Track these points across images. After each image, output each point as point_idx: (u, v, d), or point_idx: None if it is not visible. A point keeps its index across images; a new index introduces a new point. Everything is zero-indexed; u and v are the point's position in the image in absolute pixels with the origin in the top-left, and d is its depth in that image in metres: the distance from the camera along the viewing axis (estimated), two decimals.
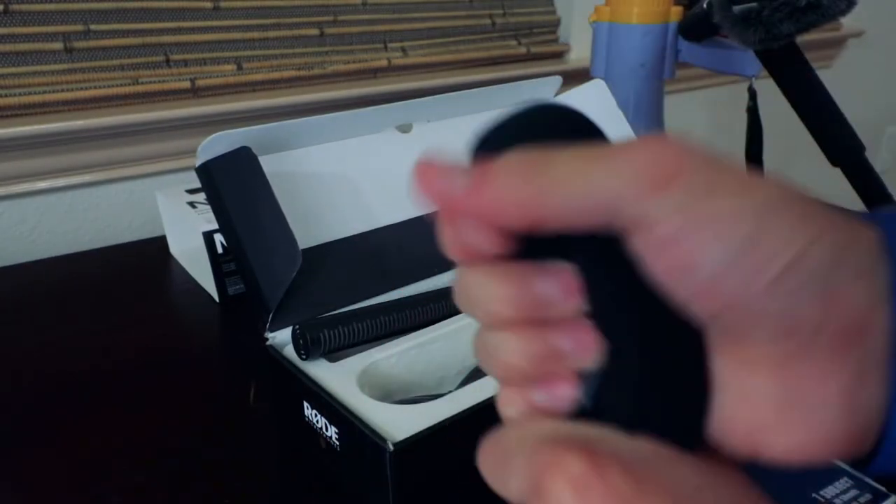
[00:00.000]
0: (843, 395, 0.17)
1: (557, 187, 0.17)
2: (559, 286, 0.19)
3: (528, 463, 0.17)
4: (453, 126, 0.55)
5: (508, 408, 0.20)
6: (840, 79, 1.12)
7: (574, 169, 0.17)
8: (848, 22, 1.45)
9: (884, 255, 0.18)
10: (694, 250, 0.17)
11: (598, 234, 0.18)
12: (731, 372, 0.18)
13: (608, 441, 0.17)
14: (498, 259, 0.19)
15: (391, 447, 0.34)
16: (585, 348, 0.19)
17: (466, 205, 0.18)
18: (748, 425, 0.18)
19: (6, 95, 0.70)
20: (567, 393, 0.19)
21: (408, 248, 0.49)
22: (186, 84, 0.78)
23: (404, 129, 0.53)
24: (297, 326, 0.41)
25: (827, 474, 0.39)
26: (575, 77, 0.86)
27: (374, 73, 0.92)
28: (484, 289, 0.20)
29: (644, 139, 0.18)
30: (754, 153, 0.87)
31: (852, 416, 0.18)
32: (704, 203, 0.17)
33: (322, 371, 0.40)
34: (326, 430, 0.39)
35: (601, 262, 0.18)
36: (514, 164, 0.18)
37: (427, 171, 0.19)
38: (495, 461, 0.19)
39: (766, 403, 0.18)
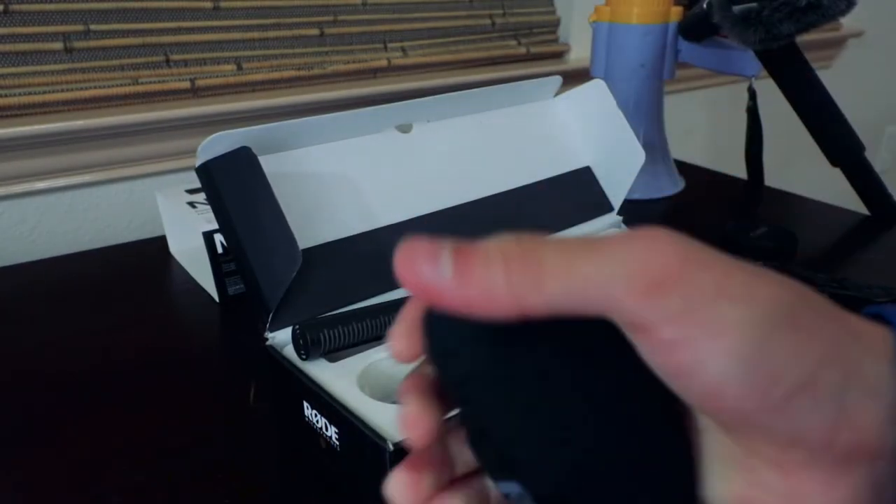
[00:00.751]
0: (849, 494, 0.17)
1: (546, 281, 0.17)
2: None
3: None
4: (453, 126, 0.55)
5: None
6: (840, 79, 1.12)
7: (563, 262, 0.17)
8: (848, 22, 1.45)
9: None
10: (696, 358, 0.16)
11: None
12: (741, 458, 0.18)
13: None
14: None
15: (391, 447, 0.34)
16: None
17: (452, 296, 0.17)
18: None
19: (6, 95, 0.70)
20: None
21: None
22: (186, 84, 0.78)
23: (404, 129, 0.53)
24: (297, 326, 0.41)
25: None
26: (575, 77, 0.86)
27: (374, 73, 0.92)
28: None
29: (639, 234, 0.17)
30: (754, 153, 0.87)
31: None
32: (705, 311, 0.16)
33: (322, 371, 0.40)
34: (326, 430, 0.39)
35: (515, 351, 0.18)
36: (500, 253, 0.17)
37: (410, 257, 0.17)
38: None
39: (773, 493, 0.18)
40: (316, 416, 0.39)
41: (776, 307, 0.16)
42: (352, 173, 0.49)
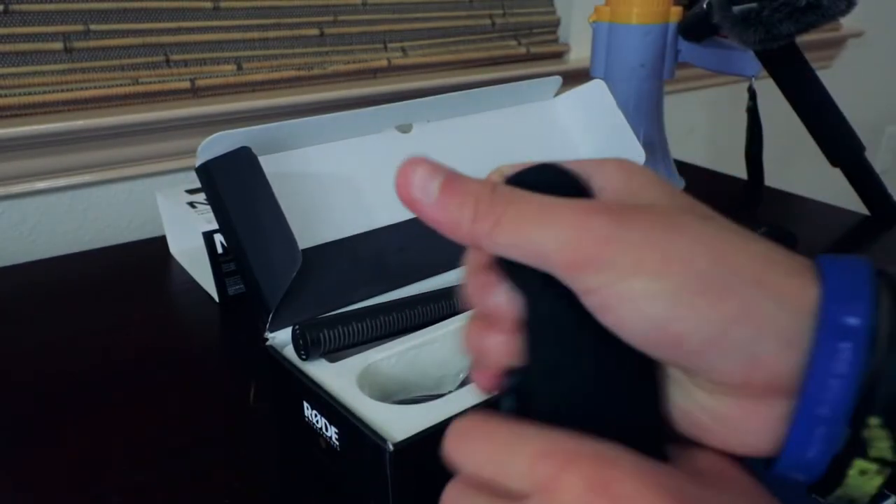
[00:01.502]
0: (766, 429, 0.20)
1: (498, 231, 0.20)
2: (503, 303, 0.23)
3: (535, 460, 0.19)
4: (453, 126, 0.55)
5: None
6: (840, 79, 1.12)
7: (516, 222, 0.20)
8: (848, 22, 1.45)
9: (821, 316, 0.19)
10: (618, 320, 0.20)
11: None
12: (685, 380, 0.21)
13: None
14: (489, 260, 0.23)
15: (391, 447, 0.34)
16: (503, 352, 0.23)
17: (428, 214, 0.21)
18: (693, 424, 0.21)
19: (6, 95, 0.70)
20: (485, 383, 0.24)
21: (407, 248, 0.49)
22: (186, 84, 0.78)
23: (404, 129, 0.53)
24: (297, 326, 0.41)
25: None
26: (575, 77, 0.86)
27: (374, 73, 0.92)
28: (466, 287, 0.24)
29: (579, 206, 0.20)
30: (754, 153, 0.87)
31: (769, 443, 0.20)
32: (620, 286, 0.19)
33: (322, 371, 0.40)
34: (326, 430, 0.39)
35: (543, 294, 0.21)
36: (473, 197, 0.21)
37: (411, 170, 0.22)
38: (495, 450, 0.20)
39: (705, 412, 0.21)
40: (316, 416, 0.39)
41: (686, 277, 0.19)
42: (352, 173, 0.49)
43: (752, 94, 0.84)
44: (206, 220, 0.60)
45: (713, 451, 0.21)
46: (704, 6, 0.73)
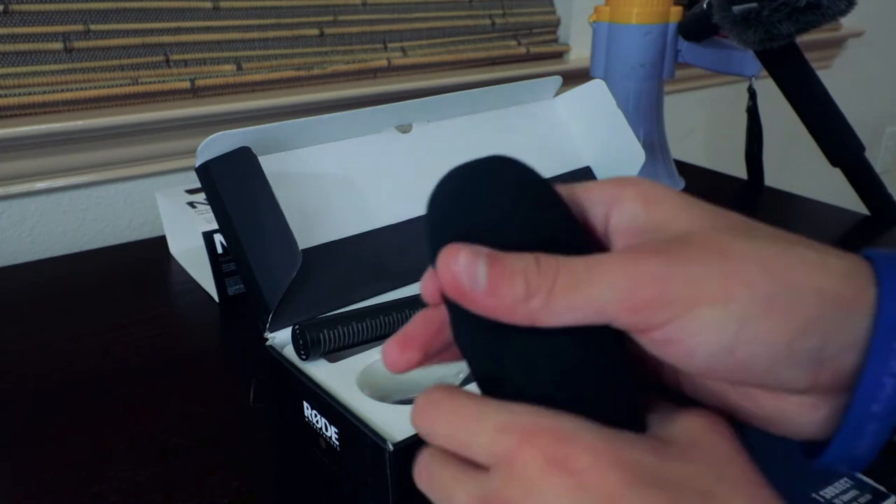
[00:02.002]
0: (822, 420, 0.21)
1: (554, 300, 0.20)
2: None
3: (497, 436, 0.20)
4: (453, 126, 0.55)
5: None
6: (840, 79, 1.12)
7: (569, 286, 0.20)
8: (848, 22, 1.45)
9: (877, 316, 0.20)
10: (685, 352, 0.20)
11: None
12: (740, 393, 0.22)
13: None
14: None
15: (391, 447, 0.34)
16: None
17: (481, 303, 0.20)
18: (739, 412, 0.22)
19: (6, 95, 0.70)
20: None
21: (407, 248, 0.49)
22: (186, 84, 0.78)
23: (404, 129, 0.53)
24: (297, 326, 0.41)
25: (827, 475, 0.39)
26: (575, 77, 0.86)
27: (374, 73, 0.92)
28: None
29: (627, 256, 0.20)
30: (754, 153, 0.87)
31: (820, 431, 0.21)
32: (686, 318, 0.19)
33: (322, 371, 0.40)
34: (326, 430, 0.39)
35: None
36: (523, 274, 0.20)
37: (451, 263, 0.21)
38: (456, 427, 0.21)
39: (762, 409, 0.22)
40: (316, 416, 0.39)
41: (750, 301, 0.19)
42: (352, 173, 0.49)
43: (752, 94, 0.84)
44: (206, 220, 0.60)
45: (698, 417, 0.21)
46: (704, 6, 0.73)
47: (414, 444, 0.34)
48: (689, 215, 0.22)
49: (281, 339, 0.43)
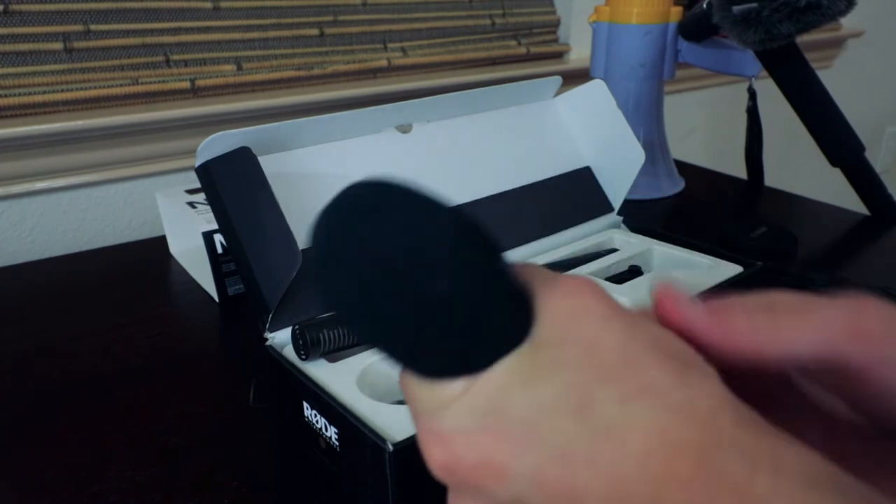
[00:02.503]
0: None
1: (780, 336, 0.21)
2: None
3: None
4: (453, 126, 0.55)
5: None
6: (840, 79, 1.12)
7: (794, 321, 0.21)
8: (848, 22, 1.45)
9: None
10: (884, 394, 0.20)
11: None
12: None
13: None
14: None
15: (391, 447, 0.34)
16: None
17: (706, 336, 0.21)
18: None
19: (6, 95, 0.70)
20: None
21: None
22: (186, 84, 0.78)
23: (404, 129, 0.53)
24: (297, 326, 0.41)
25: None
26: (575, 77, 0.86)
27: (374, 73, 0.92)
28: None
29: (847, 301, 0.21)
30: (754, 153, 0.87)
31: None
32: None
33: (322, 371, 0.40)
34: (326, 430, 0.39)
35: None
36: (746, 311, 0.21)
37: (667, 299, 0.22)
38: None
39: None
40: (316, 416, 0.39)
41: None
42: (352, 173, 0.49)
43: (752, 94, 0.84)
44: (206, 220, 0.60)
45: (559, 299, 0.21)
46: (704, 6, 0.73)
47: (413, 445, 0.34)
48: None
49: (281, 339, 0.43)
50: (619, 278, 0.53)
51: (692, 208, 0.81)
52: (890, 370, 0.20)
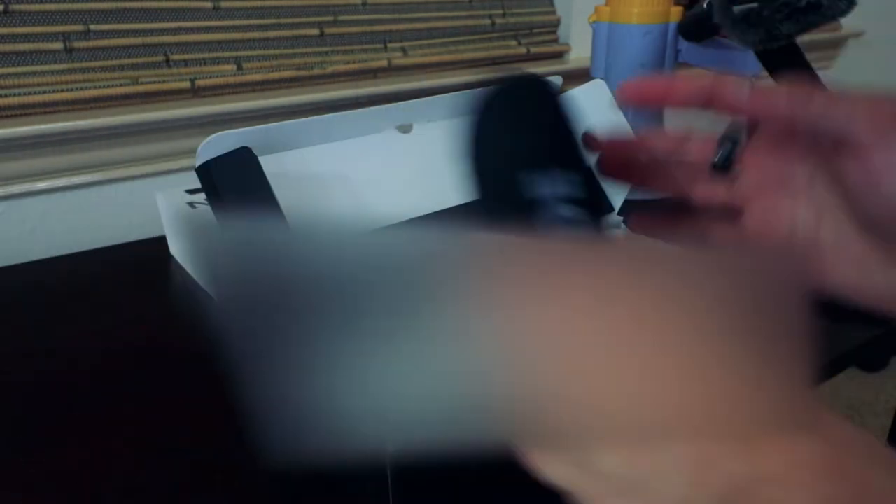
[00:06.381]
0: None
1: (812, 106, 0.28)
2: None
3: None
4: (453, 126, 0.55)
5: None
6: (840, 79, 1.12)
7: (826, 98, 0.27)
8: (848, 22, 1.45)
9: None
10: (886, 177, 0.26)
11: None
12: (870, 257, 0.28)
13: None
14: None
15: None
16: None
17: (751, 106, 0.30)
18: (870, 289, 0.28)
19: (6, 95, 0.70)
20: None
21: None
22: (186, 84, 0.78)
23: (404, 129, 0.53)
24: None
25: None
26: (575, 77, 0.86)
27: (374, 74, 0.92)
28: None
29: (871, 96, 0.27)
30: None
31: None
32: None
33: None
34: None
35: None
36: (786, 87, 0.29)
37: (720, 86, 0.31)
38: None
39: (890, 283, 0.28)
40: None
41: None
42: (352, 173, 0.49)
43: None
44: None
45: None
46: (705, 6, 0.73)
47: None
48: None
49: None
50: None
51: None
52: (889, 152, 0.25)
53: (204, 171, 0.44)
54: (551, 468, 0.21)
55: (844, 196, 0.28)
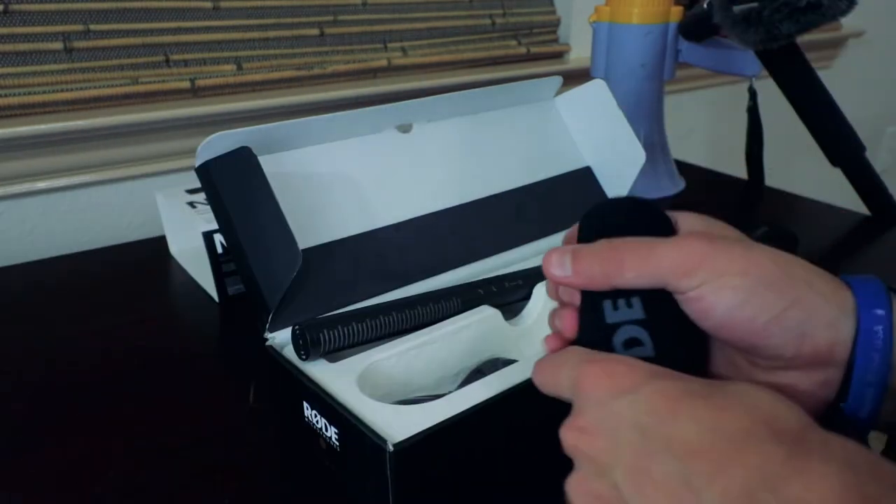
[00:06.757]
0: (812, 387, 0.28)
1: (625, 272, 0.29)
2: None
3: (573, 368, 0.28)
4: (453, 126, 0.55)
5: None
6: (840, 79, 1.12)
7: (636, 260, 0.29)
8: (848, 22, 1.45)
9: (852, 313, 0.27)
10: (710, 305, 0.28)
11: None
12: (745, 370, 0.30)
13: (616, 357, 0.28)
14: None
15: (391, 447, 0.34)
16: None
17: (571, 282, 0.31)
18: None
19: (6, 95, 0.70)
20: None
21: (408, 248, 0.49)
22: (186, 84, 0.78)
23: (404, 129, 0.53)
24: (297, 326, 0.41)
25: None
26: (575, 77, 0.86)
27: (374, 73, 0.92)
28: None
29: (679, 240, 0.29)
30: (754, 153, 0.87)
31: (812, 405, 0.28)
32: (717, 282, 0.28)
33: (322, 371, 0.40)
34: (326, 430, 0.39)
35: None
36: (597, 255, 0.30)
37: (548, 262, 0.32)
38: (553, 369, 0.30)
39: (766, 381, 0.29)
40: (316, 416, 0.39)
41: (761, 277, 0.27)
42: (352, 173, 0.49)
43: (753, 94, 0.84)
44: (206, 220, 0.60)
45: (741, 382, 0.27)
46: (705, 6, 0.73)
47: (414, 445, 0.34)
48: (732, 230, 0.32)
49: (281, 339, 0.43)
50: None
51: (692, 208, 0.80)
52: (714, 294, 0.28)
53: (204, 171, 0.44)
54: None
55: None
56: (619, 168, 0.60)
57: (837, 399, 0.28)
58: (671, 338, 0.30)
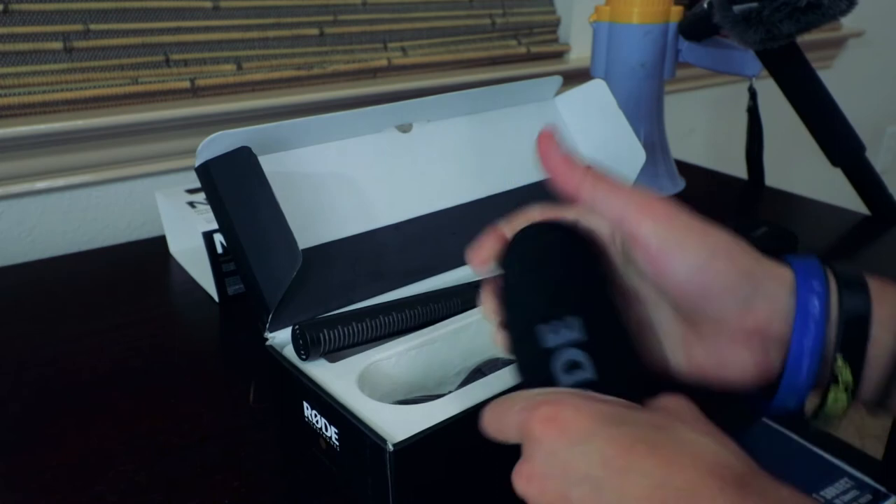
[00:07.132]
0: (752, 360, 0.30)
1: (598, 192, 0.33)
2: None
3: (519, 413, 0.28)
4: (453, 126, 0.55)
5: None
6: (840, 79, 1.12)
7: (611, 184, 0.33)
8: (848, 22, 1.45)
9: (792, 288, 0.30)
10: (670, 266, 0.30)
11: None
12: (686, 339, 0.32)
13: (568, 396, 0.28)
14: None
15: (391, 447, 0.34)
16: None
17: (562, 181, 0.34)
18: (697, 368, 0.32)
19: (6, 95, 0.70)
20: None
21: (407, 248, 0.49)
22: (186, 84, 0.78)
23: (404, 129, 0.53)
24: (297, 326, 0.41)
25: (827, 475, 0.39)
26: (575, 77, 0.86)
27: (374, 73, 0.92)
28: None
29: (646, 195, 0.32)
30: (754, 153, 0.87)
31: (754, 376, 0.30)
32: (677, 243, 0.30)
33: (322, 371, 0.40)
34: (326, 430, 0.39)
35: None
36: (588, 170, 0.34)
37: (548, 142, 0.35)
38: (499, 415, 0.29)
39: (707, 359, 0.31)
40: (316, 416, 0.39)
41: (717, 246, 0.30)
42: (352, 173, 0.49)
43: (753, 94, 0.84)
44: (206, 220, 0.60)
45: (680, 399, 0.29)
46: (705, 6, 0.73)
47: (413, 445, 0.34)
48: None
49: (281, 339, 0.43)
50: None
51: (692, 208, 0.81)
52: (678, 252, 0.29)
53: (204, 170, 0.44)
54: None
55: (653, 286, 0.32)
56: (620, 168, 0.60)
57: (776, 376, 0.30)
58: (610, 359, 0.29)
